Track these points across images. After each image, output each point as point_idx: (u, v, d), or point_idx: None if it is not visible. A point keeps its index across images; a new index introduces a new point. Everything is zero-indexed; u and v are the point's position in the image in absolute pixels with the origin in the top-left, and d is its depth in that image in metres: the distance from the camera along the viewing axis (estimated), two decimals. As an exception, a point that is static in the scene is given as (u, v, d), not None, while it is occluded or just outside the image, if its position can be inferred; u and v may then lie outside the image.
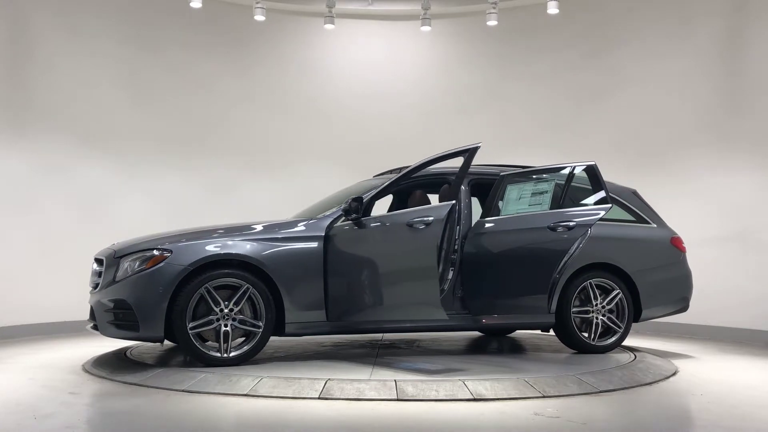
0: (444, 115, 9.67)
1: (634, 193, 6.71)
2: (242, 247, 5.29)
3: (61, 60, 8.25)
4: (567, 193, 5.92)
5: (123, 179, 8.69)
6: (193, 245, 5.26)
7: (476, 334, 7.48)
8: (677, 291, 6.57)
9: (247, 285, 5.22)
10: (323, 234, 5.49)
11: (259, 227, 5.53)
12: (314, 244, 5.45)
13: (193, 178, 9.14)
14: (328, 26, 9.20)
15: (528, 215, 5.83)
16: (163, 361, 5.63)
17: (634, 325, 6.36)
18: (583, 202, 5.96)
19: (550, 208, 5.79)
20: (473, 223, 5.98)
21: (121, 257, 5.32)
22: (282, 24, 9.63)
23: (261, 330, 5.25)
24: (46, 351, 6.60)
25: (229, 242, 5.31)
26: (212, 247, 5.25)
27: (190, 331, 5.11)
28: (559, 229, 5.68)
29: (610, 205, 5.72)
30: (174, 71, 9.12)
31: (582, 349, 6.09)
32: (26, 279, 7.74)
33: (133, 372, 5.18)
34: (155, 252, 5.22)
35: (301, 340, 6.79)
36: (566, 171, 5.96)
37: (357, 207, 5.42)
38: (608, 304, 6.13)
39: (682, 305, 6.62)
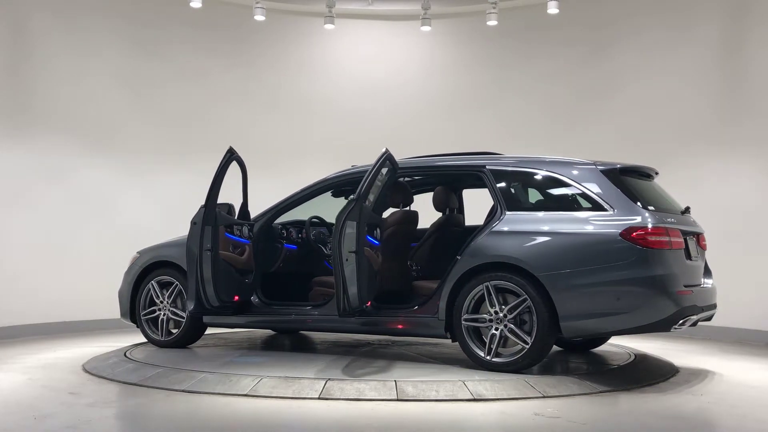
0: (444, 114, 9.66)
1: (608, 172, 5.19)
2: (171, 250, 6.16)
3: (60, 60, 8.23)
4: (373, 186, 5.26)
5: (123, 179, 8.68)
6: (150, 249, 6.35)
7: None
8: (632, 299, 4.83)
9: (176, 282, 6.10)
10: None
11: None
12: None
13: (193, 177, 9.09)
14: (328, 26, 9.19)
15: None
16: (170, 359, 5.62)
17: None
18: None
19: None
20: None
21: None
22: (282, 24, 9.63)
23: (184, 320, 6.06)
24: (46, 351, 6.60)
25: (167, 247, 6.26)
26: (155, 251, 6.28)
27: (142, 317, 6.24)
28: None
29: (351, 197, 5.05)
30: (174, 71, 9.11)
31: (480, 365, 5.10)
32: (26, 279, 7.74)
33: (133, 372, 5.19)
34: (135, 254, 6.41)
35: (301, 340, 6.79)
36: (381, 163, 5.31)
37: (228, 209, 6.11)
38: (510, 312, 5.01)
39: (652, 320, 4.83)
